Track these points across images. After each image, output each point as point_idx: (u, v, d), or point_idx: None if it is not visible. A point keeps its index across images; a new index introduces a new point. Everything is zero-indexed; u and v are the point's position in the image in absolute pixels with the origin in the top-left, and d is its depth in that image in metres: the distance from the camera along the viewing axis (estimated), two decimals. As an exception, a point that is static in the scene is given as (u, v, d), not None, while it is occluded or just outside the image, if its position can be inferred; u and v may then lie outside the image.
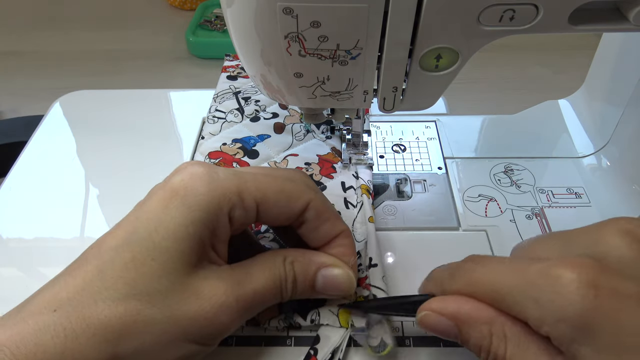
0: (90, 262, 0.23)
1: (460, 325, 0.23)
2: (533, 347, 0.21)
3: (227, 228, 0.25)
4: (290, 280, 0.26)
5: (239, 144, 0.42)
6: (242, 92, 0.47)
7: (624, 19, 0.23)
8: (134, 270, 0.22)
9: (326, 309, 0.29)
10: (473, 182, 0.40)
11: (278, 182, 0.26)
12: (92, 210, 0.39)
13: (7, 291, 0.33)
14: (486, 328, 0.22)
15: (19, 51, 1.02)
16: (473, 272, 0.23)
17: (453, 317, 0.23)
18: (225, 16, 0.26)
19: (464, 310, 0.23)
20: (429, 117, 0.47)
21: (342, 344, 0.28)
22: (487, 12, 0.22)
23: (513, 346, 0.21)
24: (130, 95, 0.51)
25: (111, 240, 0.24)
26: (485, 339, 0.22)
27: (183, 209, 0.23)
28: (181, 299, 0.23)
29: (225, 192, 0.24)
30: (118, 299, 0.22)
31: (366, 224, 0.34)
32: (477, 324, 0.22)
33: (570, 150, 0.43)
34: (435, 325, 0.24)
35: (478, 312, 0.22)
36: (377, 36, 0.23)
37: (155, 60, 0.99)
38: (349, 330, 0.28)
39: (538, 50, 0.95)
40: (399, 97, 0.28)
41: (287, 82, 0.27)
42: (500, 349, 0.21)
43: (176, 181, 0.25)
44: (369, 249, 0.32)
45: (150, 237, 0.23)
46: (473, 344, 0.23)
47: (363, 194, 0.36)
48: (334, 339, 0.28)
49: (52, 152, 0.44)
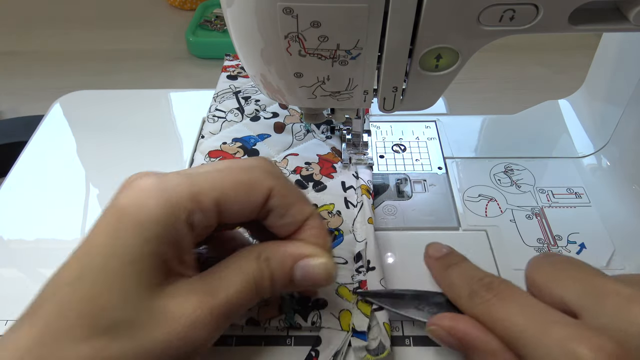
0: (49, 301, 0.21)
1: (465, 348, 0.24)
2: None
3: (189, 237, 0.23)
4: (267, 278, 0.25)
5: (239, 143, 0.42)
6: (242, 92, 0.47)
7: (624, 19, 0.23)
8: (93, 304, 0.21)
9: (327, 312, 0.29)
10: (473, 182, 0.40)
11: (234, 174, 0.25)
12: (92, 210, 0.39)
13: (7, 291, 0.33)
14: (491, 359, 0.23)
15: (19, 51, 1.02)
16: (491, 306, 0.24)
17: (461, 340, 0.24)
18: (225, 16, 0.26)
19: (472, 337, 0.24)
20: (429, 117, 0.47)
21: (343, 347, 0.28)
22: (487, 12, 0.22)
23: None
24: (130, 95, 0.51)
25: (66, 274, 0.22)
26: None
27: (135, 228, 0.22)
28: (149, 324, 0.21)
29: (179, 199, 0.23)
30: (82, 338, 0.20)
31: (365, 225, 0.34)
32: (482, 353, 0.24)
33: (570, 150, 0.43)
34: (442, 340, 0.25)
35: (485, 343, 0.23)
36: (377, 36, 0.23)
37: (155, 60, 0.99)
38: (350, 333, 0.28)
39: (538, 50, 0.95)
40: (399, 97, 0.28)
41: (287, 82, 0.27)
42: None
43: (123, 200, 0.23)
44: (367, 252, 0.32)
45: (106, 266, 0.21)
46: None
47: (363, 194, 0.36)
48: (335, 342, 0.28)
49: (52, 152, 0.44)
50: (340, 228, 0.35)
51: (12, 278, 0.34)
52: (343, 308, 0.29)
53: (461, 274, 0.27)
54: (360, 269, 0.31)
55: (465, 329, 0.24)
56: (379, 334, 0.28)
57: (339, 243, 0.34)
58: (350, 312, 0.29)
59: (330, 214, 0.36)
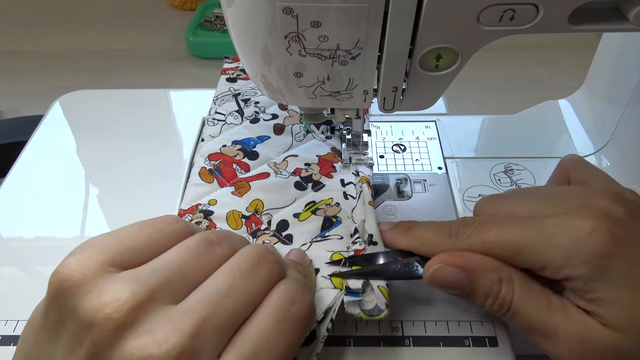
0: None
1: (471, 275, 0.25)
2: (535, 288, 0.24)
3: None
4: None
5: (239, 145, 0.42)
6: (242, 94, 0.47)
7: (624, 19, 0.23)
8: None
9: (319, 276, 0.28)
10: (473, 182, 0.40)
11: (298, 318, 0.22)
12: (92, 210, 0.39)
13: (7, 291, 0.33)
14: (495, 275, 0.24)
15: (19, 51, 1.02)
16: (479, 234, 0.25)
17: (465, 268, 0.25)
18: (225, 16, 0.26)
19: (475, 261, 0.25)
20: (429, 117, 0.47)
21: (336, 303, 0.27)
22: (487, 12, 0.22)
23: (519, 289, 0.24)
24: (130, 95, 0.51)
25: None
26: (494, 285, 0.24)
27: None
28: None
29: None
30: None
31: (365, 206, 0.34)
32: (487, 272, 0.25)
33: (570, 150, 0.43)
34: (447, 278, 0.25)
35: (488, 262, 0.25)
36: (377, 36, 0.23)
37: (155, 60, 0.99)
38: (343, 291, 0.28)
39: (538, 50, 0.95)
40: (399, 97, 0.28)
41: (287, 82, 0.27)
42: (509, 293, 0.24)
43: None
44: (367, 226, 0.31)
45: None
46: (481, 292, 0.25)
47: (363, 184, 0.36)
48: (327, 299, 0.27)
49: (52, 152, 0.44)
50: (338, 215, 0.35)
51: (12, 278, 0.34)
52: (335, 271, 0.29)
53: (427, 227, 0.28)
54: (357, 240, 0.31)
55: (467, 255, 0.25)
56: (374, 297, 0.27)
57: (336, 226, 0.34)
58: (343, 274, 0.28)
59: (328, 205, 0.36)
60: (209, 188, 0.38)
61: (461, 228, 0.26)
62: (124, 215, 0.38)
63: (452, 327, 0.30)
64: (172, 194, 0.39)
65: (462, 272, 0.25)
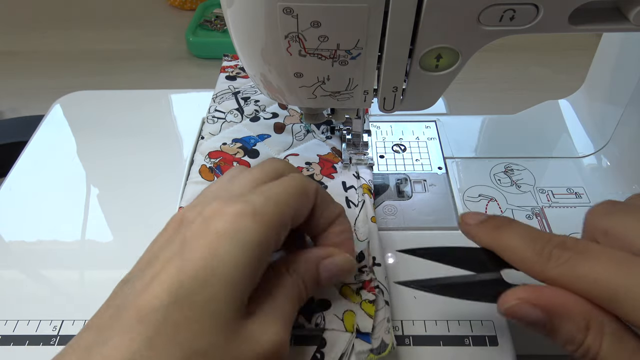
0: (133, 329, 0.20)
1: (552, 316, 0.21)
2: (631, 344, 0.20)
3: (271, 257, 0.24)
4: (303, 287, 0.26)
5: (239, 143, 0.42)
6: (242, 92, 0.47)
7: (624, 19, 0.23)
8: (187, 330, 0.20)
9: (331, 314, 0.29)
10: (473, 182, 0.40)
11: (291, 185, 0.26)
12: (93, 210, 0.39)
13: (7, 292, 0.33)
14: (582, 321, 0.21)
15: (19, 51, 1.02)
16: (576, 265, 0.21)
17: (547, 309, 0.21)
18: (225, 16, 0.26)
19: (560, 302, 0.21)
20: (429, 117, 0.47)
21: (348, 348, 0.28)
22: (487, 12, 0.22)
23: (609, 343, 0.20)
24: (130, 95, 0.51)
25: (153, 300, 0.21)
26: (580, 332, 0.21)
27: (236, 250, 0.22)
28: (239, 346, 0.21)
29: (271, 221, 0.23)
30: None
31: (368, 224, 0.34)
32: (572, 316, 0.21)
33: (570, 150, 0.43)
34: (524, 315, 0.22)
35: (576, 305, 0.21)
36: (377, 36, 0.23)
37: (155, 60, 0.99)
38: (354, 334, 0.28)
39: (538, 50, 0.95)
40: (399, 97, 0.28)
41: (287, 82, 0.27)
42: (595, 343, 0.21)
43: (220, 225, 0.23)
44: (371, 249, 0.32)
45: (202, 289, 0.21)
46: (563, 337, 0.21)
47: (364, 194, 0.36)
48: (340, 344, 0.28)
49: (52, 152, 0.44)
50: None
51: (12, 278, 0.34)
52: (347, 309, 0.29)
53: (518, 234, 0.24)
54: (363, 269, 0.31)
55: (551, 294, 0.21)
56: (379, 332, 0.28)
57: None
58: (354, 312, 0.29)
59: None
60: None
61: (556, 251, 0.22)
62: (124, 214, 0.38)
63: (452, 326, 0.30)
64: (172, 192, 0.39)
65: (542, 312, 0.21)
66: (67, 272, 0.34)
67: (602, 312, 0.21)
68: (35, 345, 0.30)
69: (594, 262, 0.21)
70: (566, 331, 0.21)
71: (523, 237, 0.24)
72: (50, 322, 0.31)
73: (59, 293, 0.33)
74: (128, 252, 0.35)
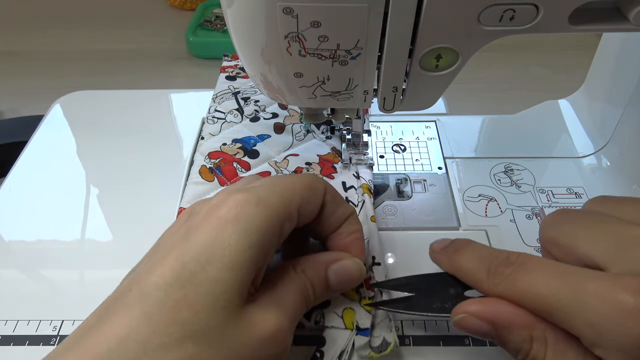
0: (133, 306, 0.21)
1: (498, 329, 0.23)
2: (572, 352, 0.21)
3: (275, 247, 0.24)
4: (310, 288, 0.26)
5: (239, 144, 0.42)
6: (242, 93, 0.47)
7: (624, 19, 0.23)
8: (187, 310, 0.21)
9: (331, 311, 0.29)
10: (473, 182, 0.40)
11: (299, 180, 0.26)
12: (93, 210, 0.39)
13: (7, 291, 0.33)
14: (526, 333, 0.22)
15: (19, 51, 1.02)
16: (516, 280, 0.22)
17: (491, 322, 0.23)
18: (225, 16, 0.26)
19: (503, 315, 0.22)
20: (429, 117, 0.47)
21: (348, 346, 0.28)
22: (487, 12, 0.22)
23: (552, 351, 0.21)
24: (130, 95, 0.51)
25: (156, 279, 0.21)
26: (525, 342, 0.22)
27: (238, 235, 0.22)
28: (240, 333, 0.22)
29: (276, 209, 0.24)
30: (170, 344, 0.20)
31: (368, 223, 0.34)
32: (516, 329, 0.22)
33: (570, 150, 0.43)
34: (472, 328, 0.23)
35: (518, 318, 0.22)
36: (377, 36, 0.23)
37: (155, 60, 0.99)
38: (354, 331, 0.28)
39: (538, 50, 0.95)
40: (399, 97, 0.28)
41: (287, 82, 0.27)
42: (540, 353, 0.22)
43: (224, 211, 0.23)
44: (371, 248, 0.32)
45: (204, 270, 0.21)
46: (511, 347, 0.23)
47: (364, 193, 0.36)
48: (340, 341, 0.28)
49: (52, 152, 0.44)
50: None
51: (12, 278, 0.34)
52: (346, 306, 0.29)
53: (471, 256, 0.26)
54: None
55: (495, 308, 0.23)
56: (381, 331, 0.28)
57: None
58: (354, 309, 0.29)
59: None
60: (209, 186, 0.38)
61: (500, 268, 0.23)
62: (124, 214, 0.38)
63: (452, 326, 0.30)
64: (172, 193, 0.39)
65: (488, 324, 0.23)
66: (67, 272, 0.34)
67: (544, 322, 0.22)
68: (35, 346, 0.30)
69: (532, 275, 0.22)
70: (513, 342, 0.22)
71: (476, 257, 0.25)
72: (50, 322, 0.31)
73: (59, 293, 0.33)
74: (128, 251, 0.35)
